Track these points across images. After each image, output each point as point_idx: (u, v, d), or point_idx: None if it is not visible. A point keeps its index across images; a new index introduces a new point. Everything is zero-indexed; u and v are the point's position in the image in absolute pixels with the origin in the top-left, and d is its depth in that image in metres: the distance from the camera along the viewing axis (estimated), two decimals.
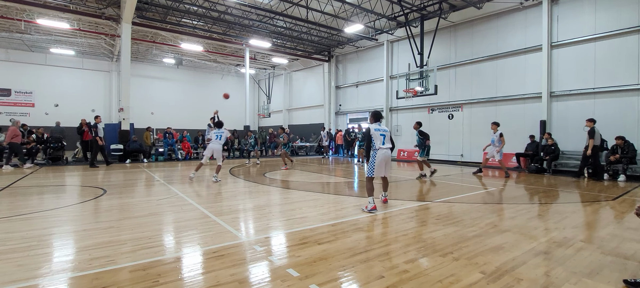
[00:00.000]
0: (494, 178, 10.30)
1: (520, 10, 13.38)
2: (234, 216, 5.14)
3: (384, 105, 18.88)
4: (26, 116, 21.17)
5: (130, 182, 8.75)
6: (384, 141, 5.62)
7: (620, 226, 4.68)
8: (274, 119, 28.39)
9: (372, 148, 5.62)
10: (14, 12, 16.10)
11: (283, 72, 27.81)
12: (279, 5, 15.43)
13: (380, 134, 5.62)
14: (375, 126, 5.70)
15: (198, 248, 3.67)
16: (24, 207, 5.67)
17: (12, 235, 4.04)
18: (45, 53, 22.43)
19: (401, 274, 2.97)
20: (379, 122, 5.77)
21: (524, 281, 2.85)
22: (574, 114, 11.96)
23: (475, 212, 5.45)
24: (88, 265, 3.11)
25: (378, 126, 5.71)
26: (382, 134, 5.63)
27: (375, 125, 5.73)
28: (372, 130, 5.65)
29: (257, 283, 2.83)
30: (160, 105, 26.21)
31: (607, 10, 11.18)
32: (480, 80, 14.80)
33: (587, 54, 11.64)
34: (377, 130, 5.64)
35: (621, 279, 2.86)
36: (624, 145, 9.86)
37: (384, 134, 5.65)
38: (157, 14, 16.60)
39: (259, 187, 8.34)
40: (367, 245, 3.76)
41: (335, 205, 5.97)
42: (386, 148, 5.62)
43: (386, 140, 5.65)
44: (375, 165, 5.56)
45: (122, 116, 14.82)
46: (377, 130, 5.65)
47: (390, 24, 16.96)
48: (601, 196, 7.23)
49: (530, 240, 3.97)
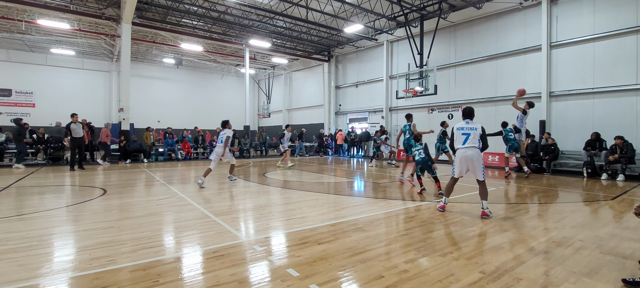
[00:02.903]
0: (493, 178, 10.31)
1: (519, 11, 13.39)
2: (234, 216, 5.15)
3: (384, 105, 18.89)
4: (27, 116, 21.18)
5: (130, 182, 8.76)
6: (466, 141, 5.23)
7: (619, 226, 4.69)
8: (274, 119, 28.41)
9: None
10: (15, 13, 16.11)
11: (283, 72, 27.82)
12: (279, 5, 15.43)
13: (462, 134, 5.29)
14: (458, 124, 5.40)
15: (198, 248, 3.68)
16: (24, 207, 5.68)
17: (12, 235, 4.04)
18: (45, 53, 22.44)
19: (401, 274, 2.98)
20: (466, 120, 5.37)
21: (523, 280, 2.86)
22: (573, 114, 11.98)
23: (475, 212, 5.46)
24: (88, 265, 3.12)
25: (463, 124, 5.35)
26: (464, 134, 5.27)
27: (461, 123, 5.39)
28: (455, 129, 5.39)
29: (257, 283, 2.83)
30: (160, 105, 26.23)
31: (606, 10, 11.19)
32: (480, 80, 14.81)
33: (586, 54, 11.66)
34: (460, 130, 5.34)
35: (620, 278, 2.87)
36: (622, 145, 9.87)
37: (468, 133, 5.24)
38: (157, 14, 16.61)
39: (259, 187, 8.35)
40: (367, 245, 3.77)
41: (335, 205, 5.98)
42: (465, 148, 5.23)
43: (469, 140, 5.21)
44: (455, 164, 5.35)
45: (122, 116, 14.83)
46: (460, 129, 5.34)
47: (390, 24, 16.97)
48: (600, 196, 7.25)
49: (530, 240, 3.98)
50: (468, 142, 5.22)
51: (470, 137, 5.22)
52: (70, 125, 11.42)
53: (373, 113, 20.24)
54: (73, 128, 11.41)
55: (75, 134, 11.43)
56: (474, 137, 5.21)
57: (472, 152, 5.19)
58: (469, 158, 5.20)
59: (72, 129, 11.39)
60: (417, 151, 7.12)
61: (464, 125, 5.33)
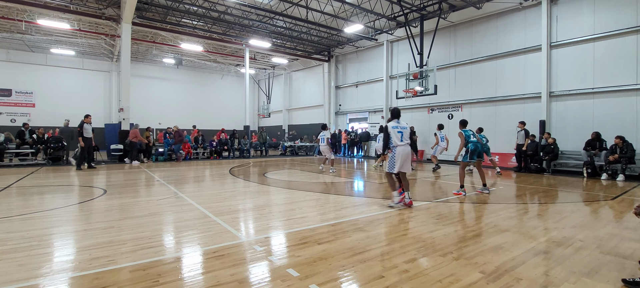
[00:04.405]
0: (494, 178, 10.31)
1: (519, 11, 13.39)
2: (234, 216, 5.15)
3: (384, 105, 18.90)
4: (27, 116, 21.19)
5: (130, 182, 8.76)
6: (402, 138, 5.67)
7: (619, 226, 4.69)
8: (274, 119, 28.41)
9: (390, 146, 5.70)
10: (15, 13, 16.12)
11: (283, 72, 27.83)
12: (279, 5, 15.43)
13: (398, 131, 5.67)
14: (393, 123, 5.74)
15: (198, 248, 3.68)
16: (24, 207, 5.68)
17: (12, 235, 4.04)
18: (45, 53, 22.45)
19: (401, 274, 2.98)
20: (398, 119, 5.80)
21: (523, 280, 2.86)
22: (573, 114, 11.98)
23: (475, 212, 5.46)
24: (88, 265, 3.12)
25: (396, 123, 5.74)
26: (399, 131, 5.67)
27: (393, 122, 5.76)
28: (390, 128, 5.69)
29: (257, 283, 2.83)
30: (160, 105, 26.23)
31: (606, 10, 11.19)
32: (480, 80, 14.81)
33: (586, 54, 11.66)
34: (395, 128, 5.69)
35: (620, 278, 2.87)
36: (622, 145, 9.87)
37: (402, 131, 5.69)
38: (157, 14, 16.61)
39: (259, 187, 8.35)
40: (367, 245, 3.77)
41: (335, 205, 5.98)
42: (404, 145, 5.66)
43: (404, 137, 5.69)
44: (395, 161, 5.65)
45: (122, 116, 14.83)
46: (395, 127, 5.69)
47: (390, 24, 16.97)
48: (600, 196, 7.25)
49: (530, 240, 3.98)
50: (404, 138, 5.68)
51: (404, 135, 5.70)
52: (83, 124, 11.71)
53: (373, 113, 20.25)
54: (86, 128, 11.75)
55: (87, 133, 11.77)
56: (406, 135, 5.70)
57: (408, 149, 5.72)
58: (407, 154, 5.67)
59: (85, 128, 11.73)
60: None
61: (397, 125, 5.74)
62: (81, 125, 11.70)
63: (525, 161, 11.91)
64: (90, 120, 12.06)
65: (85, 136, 11.67)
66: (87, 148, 11.81)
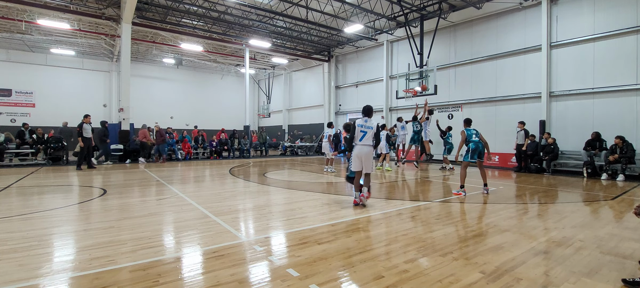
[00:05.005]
0: (494, 178, 10.31)
1: (519, 11, 13.39)
2: (234, 216, 5.15)
3: (384, 105, 18.89)
4: (27, 116, 21.17)
5: (130, 182, 8.76)
6: (362, 138, 5.65)
7: (619, 226, 4.70)
8: (274, 119, 28.41)
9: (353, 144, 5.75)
10: (15, 13, 16.10)
11: (283, 72, 27.82)
12: (279, 5, 15.43)
13: (361, 130, 5.67)
14: (360, 121, 5.73)
15: (198, 248, 3.68)
16: (24, 207, 5.68)
17: (12, 235, 4.04)
18: (45, 53, 22.43)
19: (401, 274, 2.98)
20: (368, 117, 5.79)
21: (523, 280, 2.86)
22: (573, 114, 11.98)
23: (475, 212, 5.46)
24: (88, 265, 3.12)
25: (363, 122, 5.72)
26: (363, 131, 5.66)
27: (361, 120, 5.76)
28: (356, 126, 5.71)
29: (257, 283, 2.84)
30: (160, 105, 26.21)
31: (606, 10, 11.19)
32: (480, 80, 14.81)
33: (586, 54, 11.66)
34: (360, 126, 5.69)
35: (620, 278, 2.87)
36: (622, 145, 9.87)
37: (366, 131, 5.67)
38: (157, 14, 16.61)
39: (259, 187, 8.35)
40: (367, 245, 3.77)
41: (335, 205, 5.98)
42: (362, 145, 5.65)
43: (366, 137, 5.65)
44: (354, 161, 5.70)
45: (122, 116, 14.83)
46: (360, 126, 5.70)
47: (390, 24, 16.97)
48: (600, 196, 7.25)
49: (530, 240, 3.98)
50: (365, 139, 5.66)
51: (367, 135, 5.67)
52: (83, 125, 11.73)
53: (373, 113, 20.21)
54: (85, 128, 11.78)
55: (87, 133, 11.81)
56: (369, 135, 5.67)
57: (367, 149, 5.67)
58: (364, 155, 5.65)
59: (84, 128, 11.75)
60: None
61: (363, 124, 5.71)
62: (80, 126, 11.74)
63: (525, 161, 11.92)
64: (90, 120, 12.09)
65: (84, 136, 11.69)
66: (86, 148, 11.83)
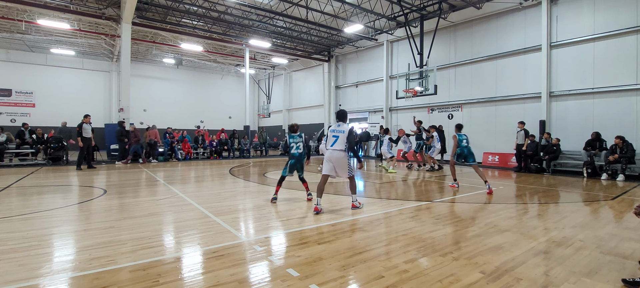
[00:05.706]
0: (494, 178, 10.31)
1: (519, 11, 13.39)
2: (234, 216, 5.15)
3: (384, 105, 18.90)
4: (27, 116, 21.18)
5: (130, 182, 8.76)
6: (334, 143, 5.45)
7: (619, 226, 4.69)
8: (274, 119, 28.41)
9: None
10: (15, 13, 16.11)
11: (283, 72, 27.83)
12: (279, 5, 15.43)
13: (333, 135, 5.49)
14: (333, 126, 5.59)
15: (198, 248, 3.68)
16: (24, 207, 5.68)
17: (12, 235, 4.04)
18: (45, 53, 22.44)
19: (401, 274, 2.98)
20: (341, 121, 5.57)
21: (523, 280, 2.86)
22: (573, 114, 11.98)
23: (475, 212, 5.46)
24: (88, 265, 3.12)
25: (336, 126, 5.55)
26: (334, 135, 5.47)
27: (334, 124, 5.60)
28: (328, 130, 5.62)
29: (257, 283, 2.83)
30: (160, 105, 26.23)
31: (606, 10, 11.19)
32: (480, 80, 14.81)
33: (586, 54, 11.66)
34: (332, 131, 5.53)
35: (620, 278, 2.87)
36: (622, 145, 9.87)
37: (338, 135, 5.46)
38: (157, 14, 16.61)
39: (259, 187, 8.35)
40: (367, 245, 3.77)
41: (335, 205, 5.98)
42: (330, 150, 5.47)
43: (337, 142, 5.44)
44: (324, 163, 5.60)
45: (122, 116, 14.83)
46: (332, 130, 5.55)
47: (390, 24, 16.96)
48: (600, 196, 7.25)
49: (530, 240, 3.98)
50: (336, 144, 5.46)
51: (339, 140, 5.45)
52: (82, 125, 11.76)
53: (373, 113, 20.25)
54: (85, 128, 11.81)
55: (86, 133, 11.84)
56: (341, 139, 5.44)
57: (337, 154, 5.43)
58: (334, 160, 5.46)
59: (84, 128, 11.77)
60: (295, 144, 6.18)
61: (335, 128, 5.54)
62: (80, 126, 11.77)
63: (525, 161, 11.91)
64: (90, 120, 12.12)
65: (84, 136, 11.71)
66: (86, 148, 11.85)
